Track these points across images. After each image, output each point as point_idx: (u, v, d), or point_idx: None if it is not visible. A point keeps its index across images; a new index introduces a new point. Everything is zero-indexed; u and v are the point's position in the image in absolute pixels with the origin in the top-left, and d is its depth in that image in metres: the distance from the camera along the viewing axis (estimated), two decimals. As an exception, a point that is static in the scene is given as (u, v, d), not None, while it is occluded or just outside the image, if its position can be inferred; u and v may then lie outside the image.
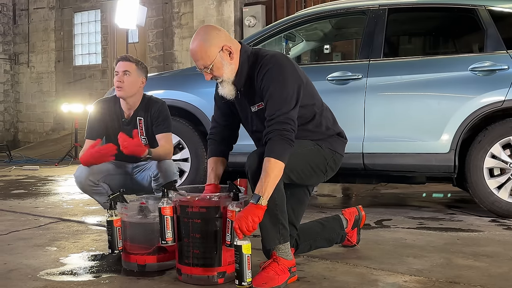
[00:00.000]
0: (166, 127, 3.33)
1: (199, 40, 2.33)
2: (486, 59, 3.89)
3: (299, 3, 9.22)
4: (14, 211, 4.27)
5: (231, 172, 4.42)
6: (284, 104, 2.28)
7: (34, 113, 12.86)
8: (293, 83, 2.34)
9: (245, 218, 2.14)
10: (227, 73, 2.36)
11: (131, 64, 3.29)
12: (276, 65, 2.34)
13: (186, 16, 10.42)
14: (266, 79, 2.32)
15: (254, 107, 2.42)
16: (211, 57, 2.31)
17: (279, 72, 2.33)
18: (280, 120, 2.26)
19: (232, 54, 2.35)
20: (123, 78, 3.25)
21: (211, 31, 2.36)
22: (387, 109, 4.05)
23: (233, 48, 2.36)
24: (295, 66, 2.43)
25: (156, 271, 2.52)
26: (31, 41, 12.77)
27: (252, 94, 2.41)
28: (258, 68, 2.36)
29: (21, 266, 2.64)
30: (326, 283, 2.35)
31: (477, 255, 2.83)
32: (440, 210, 4.30)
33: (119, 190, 2.63)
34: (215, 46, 2.32)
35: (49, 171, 7.83)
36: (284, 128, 2.25)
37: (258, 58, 2.39)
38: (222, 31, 2.39)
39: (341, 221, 2.85)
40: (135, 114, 3.34)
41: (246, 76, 2.40)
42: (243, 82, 2.41)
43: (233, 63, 2.36)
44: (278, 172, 2.23)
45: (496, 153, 3.85)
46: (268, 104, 2.30)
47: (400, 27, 5.09)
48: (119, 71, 3.27)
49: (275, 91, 2.30)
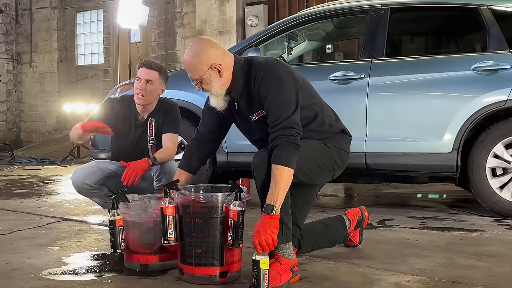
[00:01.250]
0: (175, 128, 3.33)
1: (190, 55, 2.37)
2: (488, 59, 3.88)
3: (301, 3, 9.21)
4: (16, 210, 4.28)
5: (233, 172, 4.43)
6: (285, 108, 2.29)
7: (36, 113, 12.87)
8: (290, 86, 2.34)
9: (264, 232, 2.14)
10: (216, 89, 2.38)
11: (155, 73, 3.26)
12: (270, 71, 2.34)
13: (188, 16, 10.43)
14: (263, 86, 2.32)
15: (253, 116, 2.42)
16: (200, 73, 2.35)
17: (275, 77, 2.33)
18: (284, 125, 2.27)
19: (222, 72, 2.36)
20: (145, 86, 3.23)
21: (203, 48, 2.36)
22: (389, 108, 4.05)
23: (223, 65, 2.36)
24: (289, 68, 2.43)
25: (158, 271, 2.53)
26: (33, 41, 12.78)
27: (250, 104, 2.41)
28: (254, 76, 2.36)
29: (23, 266, 2.64)
30: (328, 283, 2.34)
31: (480, 255, 2.82)
32: (442, 210, 4.29)
33: (121, 190, 2.62)
34: (204, 64, 2.34)
35: (51, 170, 7.84)
36: (290, 133, 2.25)
37: (252, 67, 2.39)
38: (214, 47, 2.38)
39: (344, 221, 2.85)
40: (149, 116, 3.35)
41: (243, 86, 2.40)
42: (240, 93, 2.42)
43: (222, 79, 2.37)
44: (288, 179, 2.22)
45: (499, 152, 3.84)
46: (269, 111, 2.31)
47: (402, 26, 5.09)
48: (142, 79, 3.24)
49: (274, 96, 2.30)
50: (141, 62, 3.33)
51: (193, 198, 2.35)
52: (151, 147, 3.37)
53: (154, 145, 3.35)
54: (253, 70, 2.37)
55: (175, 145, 3.35)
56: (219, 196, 2.31)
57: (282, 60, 3.38)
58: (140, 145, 3.35)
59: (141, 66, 3.29)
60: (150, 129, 3.34)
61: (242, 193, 2.28)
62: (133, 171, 2.99)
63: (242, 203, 2.28)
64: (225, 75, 2.37)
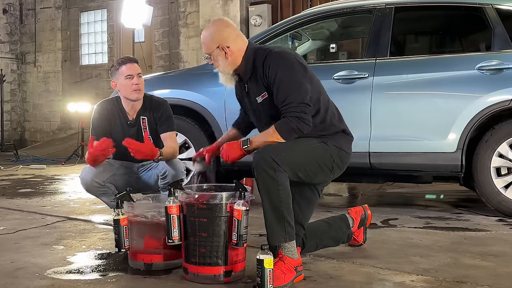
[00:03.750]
0: (170, 125, 3.36)
1: (206, 31, 2.56)
2: (493, 58, 3.87)
3: (305, 2, 9.20)
4: (21, 210, 4.29)
5: (237, 171, 4.43)
6: (295, 89, 2.39)
7: (41, 113, 12.90)
8: (300, 71, 2.44)
9: (225, 151, 2.47)
10: (222, 67, 2.54)
11: (138, 65, 3.33)
12: (282, 56, 2.46)
13: (192, 16, 10.43)
14: (272, 66, 2.42)
15: (259, 98, 2.51)
16: (209, 50, 2.54)
17: (284, 59, 2.44)
18: (294, 104, 2.37)
19: (228, 54, 2.49)
20: (139, 80, 3.27)
21: (218, 27, 2.54)
22: (393, 108, 4.04)
23: (232, 48, 2.51)
24: (301, 59, 2.52)
25: (162, 270, 2.53)
26: (37, 41, 12.81)
27: (260, 86, 2.49)
28: (263, 59, 2.46)
29: (28, 265, 2.65)
30: (333, 283, 2.34)
31: (484, 254, 2.82)
32: (447, 210, 4.28)
33: (126, 189, 2.63)
34: (214, 42, 2.52)
35: (55, 170, 7.86)
36: (302, 110, 2.37)
37: (264, 51, 2.50)
38: (228, 28, 2.53)
39: (347, 220, 2.85)
40: (139, 114, 3.35)
41: (252, 69, 2.51)
42: (250, 75, 2.52)
43: (228, 60, 2.51)
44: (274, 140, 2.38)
45: (504, 152, 3.83)
46: (279, 91, 2.40)
47: (407, 25, 5.07)
48: (134, 74, 3.26)
49: (284, 78, 2.40)
50: (121, 60, 3.33)
51: (197, 197, 2.35)
52: None
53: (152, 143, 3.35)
54: (264, 54, 2.48)
55: (175, 142, 3.39)
56: (223, 196, 2.31)
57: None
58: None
59: (124, 63, 3.28)
60: (144, 128, 3.35)
61: (246, 193, 2.29)
62: (136, 143, 3.02)
63: (246, 202, 2.28)
64: (232, 57, 2.51)
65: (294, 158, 2.36)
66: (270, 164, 2.29)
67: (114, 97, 3.43)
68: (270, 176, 2.29)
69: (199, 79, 4.54)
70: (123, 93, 3.31)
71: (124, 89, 3.27)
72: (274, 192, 2.30)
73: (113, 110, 3.37)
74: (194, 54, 10.36)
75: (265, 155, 2.31)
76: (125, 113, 3.36)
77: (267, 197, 2.31)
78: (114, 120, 3.36)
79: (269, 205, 2.31)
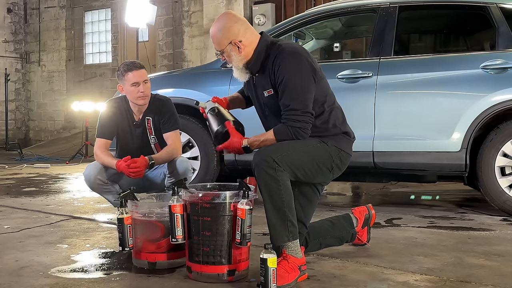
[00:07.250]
0: (173, 124, 3.35)
1: (215, 28, 2.52)
2: (497, 57, 3.86)
3: (308, 1, 9.19)
4: (25, 208, 4.30)
5: (241, 171, 4.43)
6: (300, 95, 2.38)
7: (45, 112, 12.94)
8: (309, 73, 2.43)
9: (227, 143, 2.51)
10: (235, 62, 2.52)
11: (145, 71, 3.30)
12: (292, 54, 2.44)
13: (196, 15, 10.44)
14: (282, 66, 2.41)
15: (265, 92, 2.51)
16: (221, 47, 2.51)
17: (295, 60, 2.42)
18: (299, 112, 2.37)
19: (241, 48, 2.47)
20: (145, 87, 3.26)
21: (227, 23, 2.49)
22: (397, 107, 4.03)
23: (244, 42, 2.48)
24: (311, 58, 2.50)
25: (166, 269, 2.53)
26: (42, 40, 12.84)
27: (267, 80, 2.50)
28: (275, 55, 2.45)
29: (32, 263, 2.66)
30: (336, 282, 2.34)
31: (489, 254, 2.81)
32: (451, 209, 4.27)
33: (130, 188, 2.64)
34: (225, 39, 2.48)
35: (60, 169, 7.88)
36: (303, 120, 2.38)
37: (276, 46, 2.49)
38: (238, 23, 2.50)
39: (351, 219, 2.85)
40: (144, 115, 3.36)
41: (263, 62, 2.50)
42: (259, 68, 2.52)
43: (242, 55, 2.49)
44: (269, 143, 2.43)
45: (508, 151, 3.82)
46: (285, 93, 2.40)
47: (411, 25, 5.07)
48: (140, 82, 3.23)
49: (291, 80, 2.39)
50: (127, 65, 3.28)
51: (201, 196, 2.35)
52: (154, 145, 3.39)
53: (157, 143, 3.38)
54: (276, 49, 2.46)
55: (178, 141, 3.38)
56: (227, 195, 2.32)
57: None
58: (144, 145, 3.37)
59: (130, 70, 3.24)
60: (149, 128, 3.36)
61: (250, 192, 2.29)
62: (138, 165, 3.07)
63: (249, 201, 2.28)
64: (245, 51, 2.49)
65: (294, 158, 2.36)
66: (271, 164, 2.29)
67: (123, 96, 3.42)
68: (271, 176, 2.29)
69: (203, 78, 4.55)
70: (130, 98, 3.32)
71: (131, 95, 3.29)
72: (275, 192, 2.30)
73: (121, 109, 3.38)
74: (198, 53, 10.36)
75: (265, 155, 2.32)
76: (131, 114, 3.37)
77: (269, 198, 2.31)
78: (122, 121, 3.38)
79: (271, 206, 2.32)
